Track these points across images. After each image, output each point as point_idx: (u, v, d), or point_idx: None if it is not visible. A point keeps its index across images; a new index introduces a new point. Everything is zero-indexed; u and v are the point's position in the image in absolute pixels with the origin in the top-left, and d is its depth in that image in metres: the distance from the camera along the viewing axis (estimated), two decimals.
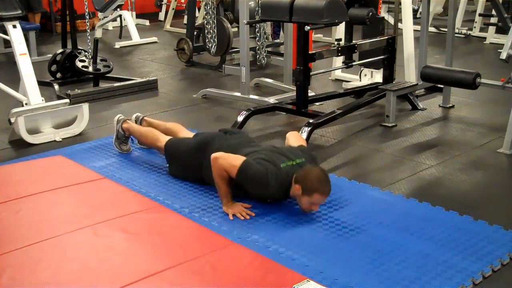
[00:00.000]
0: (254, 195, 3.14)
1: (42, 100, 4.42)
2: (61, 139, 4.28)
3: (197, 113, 5.03)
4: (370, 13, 4.64)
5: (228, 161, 3.03)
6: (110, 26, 9.24)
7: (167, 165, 3.58)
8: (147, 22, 9.77)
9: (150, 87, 5.72)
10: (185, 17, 8.66)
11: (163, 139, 3.59)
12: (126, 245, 2.69)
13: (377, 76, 5.50)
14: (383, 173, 3.70)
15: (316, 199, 2.94)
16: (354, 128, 4.55)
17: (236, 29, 6.20)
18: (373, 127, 4.58)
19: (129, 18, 8.38)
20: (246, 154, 3.09)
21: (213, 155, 3.07)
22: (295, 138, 3.45)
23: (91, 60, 5.66)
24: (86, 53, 5.73)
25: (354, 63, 4.94)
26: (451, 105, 5.05)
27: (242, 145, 3.28)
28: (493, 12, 6.95)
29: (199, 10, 8.21)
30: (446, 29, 5.33)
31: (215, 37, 6.11)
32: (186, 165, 3.42)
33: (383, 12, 6.93)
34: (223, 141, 3.32)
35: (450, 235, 2.83)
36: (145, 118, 3.97)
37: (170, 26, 9.31)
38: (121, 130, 3.87)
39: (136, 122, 3.94)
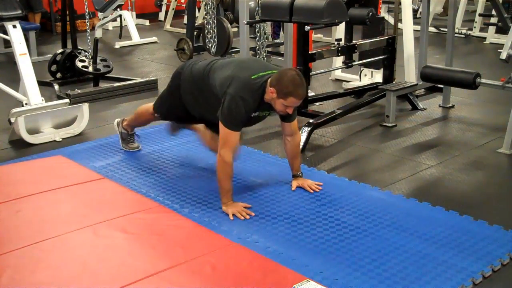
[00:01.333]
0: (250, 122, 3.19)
1: (42, 100, 4.42)
2: (61, 139, 4.28)
3: None
4: (370, 13, 4.64)
5: (223, 141, 3.03)
6: (110, 26, 9.24)
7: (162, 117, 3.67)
8: (147, 22, 9.77)
9: (150, 87, 5.72)
10: (185, 17, 8.65)
11: (150, 104, 3.70)
12: (126, 245, 2.69)
13: (377, 76, 5.50)
14: (383, 173, 3.70)
15: (291, 102, 2.95)
16: (354, 128, 4.55)
17: (236, 29, 6.19)
18: (373, 127, 4.58)
19: (129, 18, 8.38)
20: (220, 86, 3.08)
21: (219, 157, 3.05)
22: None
23: (91, 60, 5.65)
24: (86, 53, 5.73)
25: (354, 63, 4.94)
26: (451, 105, 5.05)
27: (206, 69, 3.27)
28: (493, 12, 6.95)
29: (199, 10, 8.21)
30: (446, 29, 5.34)
31: (215, 37, 6.11)
32: (171, 106, 3.49)
33: (383, 12, 6.93)
34: (191, 69, 3.35)
35: (450, 235, 2.83)
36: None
37: (170, 26, 9.31)
38: (123, 129, 3.90)
39: (117, 126, 4.00)
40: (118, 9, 8.27)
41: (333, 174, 3.62)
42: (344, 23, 4.86)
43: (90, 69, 5.66)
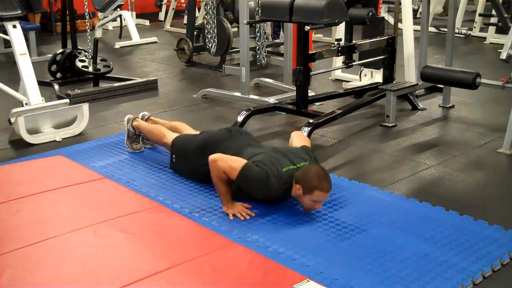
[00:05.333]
0: (256, 197, 3.14)
1: (42, 100, 4.42)
2: (61, 139, 4.28)
3: (197, 113, 5.03)
4: (370, 13, 4.64)
5: (228, 163, 3.02)
6: (110, 26, 9.24)
7: (171, 160, 3.59)
8: (147, 22, 9.77)
9: (150, 87, 5.72)
10: (185, 17, 8.65)
11: (170, 135, 3.64)
12: (126, 245, 2.69)
13: (377, 76, 5.50)
14: (383, 173, 3.70)
15: (317, 197, 2.93)
16: (354, 128, 4.55)
17: (236, 29, 6.19)
18: (373, 127, 4.58)
19: (129, 18, 8.38)
20: (249, 158, 3.09)
21: (211, 157, 3.06)
22: (299, 138, 3.46)
23: (91, 60, 5.65)
24: (86, 53, 5.73)
25: (354, 63, 4.94)
26: (451, 105, 5.05)
27: (246, 146, 3.28)
28: (493, 12, 6.95)
29: (199, 10, 8.21)
30: (446, 29, 5.34)
31: (215, 37, 6.11)
32: (192, 162, 3.42)
33: (383, 12, 6.93)
34: (228, 142, 3.33)
35: (450, 235, 2.83)
36: (151, 117, 4.00)
37: (170, 26, 9.31)
38: (132, 128, 3.90)
39: (142, 120, 3.97)
40: (118, 9, 8.27)
41: (333, 174, 3.61)
42: (344, 23, 4.86)
43: (90, 69, 5.66)
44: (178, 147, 3.54)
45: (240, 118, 4.34)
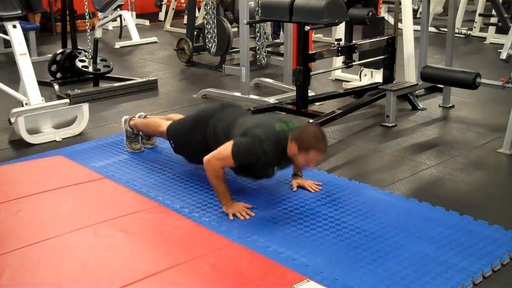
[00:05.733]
0: (259, 172, 3.14)
1: (42, 100, 4.42)
2: (61, 139, 4.28)
3: None
4: (370, 13, 4.64)
5: (219, 156, 3.03)
6: (110, 26, 9.24)
7: (172, 147, 3.61)
8: (147, 22, 9.77)
9: (150, 87, 5.72)
10: (185, 17, 8.65)
11: (165, 124, 3.67)
12: (126, 245, 2.69)
13: (377, 76, 5.50)
14: (383, 173, 3.70)
15: (313, 156, 2.93)
16: (354, 128, 4.55)
17: (236, 29, 6.20)
18: (373, 127, 4.58)
19: (129, 18, 8.38)
20: (241, 126, 3.10)
21: (204, 159, 3.07)
22: None
23: (91, 60, 5.65)
24: (86, 53, 5.73)
25: (354, 63, 4.94)
26: (451, 105, 5.05)
27: (238, 117, 3.29)
28: (493, 12, 6.95)
29: (199, 10, 8.21)
30: (446, 29, 5.33)
31: (215, 37, 6.11)
32: (190, 141, 3.43)
33: (383, 12, 6.93)
34: (221, 113, 3.35)
35: (450, 235, 2.83)
36: (147, 116, 4.00)
37: (170, 26, 9.31)
38: (129, 128, 3.91)
39: (124, 123, 3.99)
40: (118, 9, 8.27)
41: (333, 174, 3.62)
42: (344, 23, 4.86)
43: (90, 69, 5.66)
44: (172, 131, 3.57)
45: None
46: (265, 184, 3.41)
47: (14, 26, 4.51)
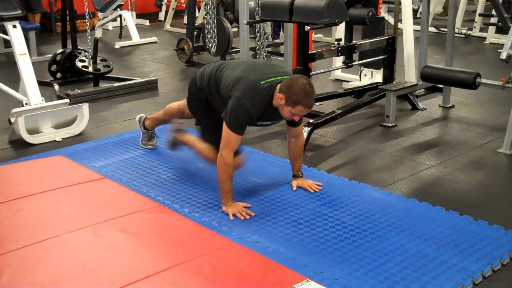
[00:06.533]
0: (264, 120, 3.16)
1: (42, 100, 4.42)
2: (61, 139, 4.28)
3: None
4: (370, 13, 4.64)
5: (225, 143, 3.03)
6: (110, 26, 9.24)
7: (195, 119, 3.60)
8: (147, 22, 9.77)
9: (150, 87, 5.72)
10: (185, 17, 8.65)
11: (181, 102, 3.65)
12: (126, 245, 2.69)
13: (377, 76, 5.50)
14: (383, 173, 3.70)
15: (299, 111, 2.94)
16: (354, 128, 4.55)
17: (236, 29, 6.19)
18: (373, 127, 4.58)
19: (129, 18, 8.38)
20: (229, 88, 3.09)
21: (218, 156, 3.05)
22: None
23: (91, 60, 5.65)
24: (86, 53, 5.73)
25: (354, 63, 4.94)
26: (451, 105, 5.05)
27: (231, 67, 3.26)
28: (493, 12, 6.95)
29: (199, 10, 8.21)
30: (446, 29, 5.33)
31: (215, 37, 6.11)
32: (199, 100, 3.41)
33: (383, 12, 6.93)
34: (219, 68, 3.33)
35: (450, 235, 2.83)
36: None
37: (170, 26, 9.31)
38: (143, 128, 3.97)
39: (140, 120, 4.03)
40: (118, 9, 8.27)
41: (333, 174, 3.62)
42: (344, 23, 4.86)
43: (90, 69, 5.66)
44: (188, 100, 3.54)
45: None
46: (265, 184, 3.42)
47: (14, 26, 4.51)
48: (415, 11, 7.12)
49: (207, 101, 3.36)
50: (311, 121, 4.11)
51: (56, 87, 5.54)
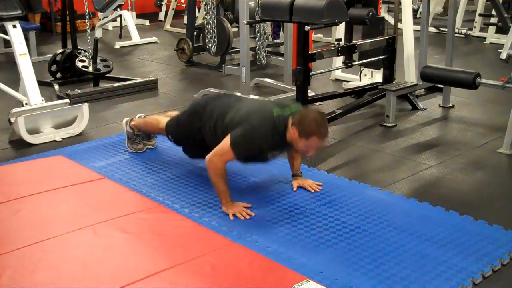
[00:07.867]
0: (263, 157, 3.14)
1: (42, 100, 4.42)
2: (61, 139, 4.28)
3: None
4: (370, 13, 4.64)
5: (220, 153, 3.02)
6: (110, 26, 9.23)
7: (173, 141, 3.62)
8: (147, 22, 9.77)
9: (150, 87, 5.72)
10: (185, 17, 8.65)
11: (164, 120, 3.66)
12: (126, 245, 2.69)
13: (377, 76, 5.49)
14: (383, 173, 3.70)
15: (314, 142, 2.92)
16: (354, 128, 4.55)
17: (236, 29, 6.19)
18: (373, 127, 4.58)
19: (129, 18, 8.38)
20: (236, 113, 3.09)
21: (206, 158, 3.07)
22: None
23: (91, 60, 5.65)
24: (86, 53, 5.73)
25: (354, 63, 4.94)
26: (451, 105, 5.05)
27: (234, 103, 3.27)
28: (493, 12, 6.95)
29: (199, 10, 8.21)
30: (446, 29, 5.33)
31: (215, 37, 6.10)
32: (188, 132, 3.43)
33: (383, 12, 6.93)
34: (214, 101, 3.35)
35: (450, 235, 2.83)
36: (146, 116, 4.00)
37: (170, 26, 9.31)
38: (130, 129, 3.91)
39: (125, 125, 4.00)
40: (118, 9, 8.25)
41: (333, 174, 3.62)
42: (344, 23, 4.86)
43: (90, 69, 5.66)
44: (171, 126, 3.56)
45: None
46: (265, 184, 3.42)
47: (14, 26, 4.51)
48: (415, 11, 7.12)
49: (199, 132, 3.33)
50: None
51: (56, 87, 5.54)
